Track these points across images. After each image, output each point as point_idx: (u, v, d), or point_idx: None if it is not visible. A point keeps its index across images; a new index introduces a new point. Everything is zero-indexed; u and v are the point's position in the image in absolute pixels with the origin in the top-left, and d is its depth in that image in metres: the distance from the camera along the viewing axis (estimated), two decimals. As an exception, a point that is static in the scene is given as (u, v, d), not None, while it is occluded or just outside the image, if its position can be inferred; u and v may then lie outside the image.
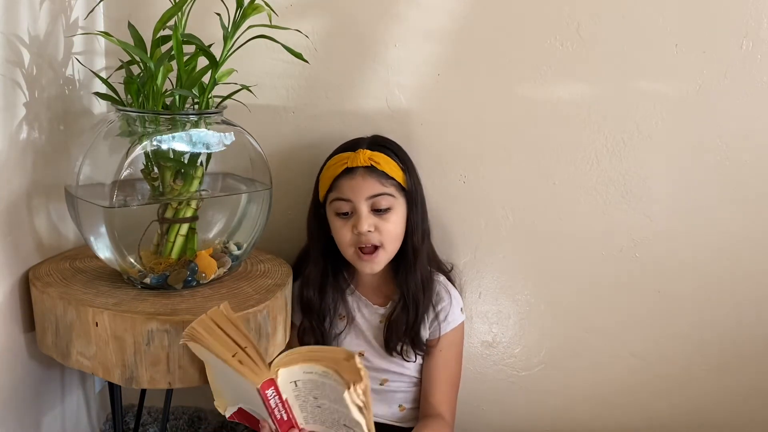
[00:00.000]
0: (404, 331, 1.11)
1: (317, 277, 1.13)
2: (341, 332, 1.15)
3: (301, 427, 0.85)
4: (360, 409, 0.79)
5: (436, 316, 1.12)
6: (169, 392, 1.00)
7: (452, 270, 1.22)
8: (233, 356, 0.80)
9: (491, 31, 1.13)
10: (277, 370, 0.81)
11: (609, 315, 1.24)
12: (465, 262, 1.25)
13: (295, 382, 0.82)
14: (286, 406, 0.83)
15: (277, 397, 0.82)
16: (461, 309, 1.16)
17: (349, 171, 1.06)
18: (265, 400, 0.81)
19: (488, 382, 1.31)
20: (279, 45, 0.98)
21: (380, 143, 1.10)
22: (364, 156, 1.06)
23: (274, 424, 0.84)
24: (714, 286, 1.20)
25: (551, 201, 1.19)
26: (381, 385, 1.16)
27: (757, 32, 1.08)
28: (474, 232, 1.23)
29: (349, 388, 0.78)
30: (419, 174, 1.13)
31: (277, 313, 0.99)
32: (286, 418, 0.84)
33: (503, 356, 1.30)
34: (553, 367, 1.29)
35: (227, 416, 0.90)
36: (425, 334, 1.12)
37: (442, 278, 1.16)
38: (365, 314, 1.16)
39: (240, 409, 0.89)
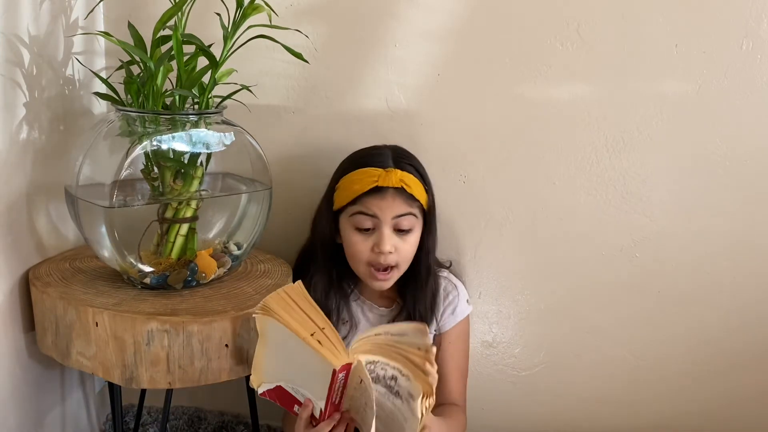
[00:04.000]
0: None
1: (324, 282, 1.12)
2: (344, 337, 1.14)
3: (343, 410, 0.88)
4: (421, 418, 0.83)
5: (444, 310, 1.14)
6: (169, 392, 1.00)
7: (451, 267, 1.22)
8: (312, 335, 0.82)
9: (491, 31, 1.13)
10: (356, 356, 0.83)
11: (609, 315, 1.24)
12: (465, 261, 1.24)
13: (368, 369, 0.84)
14: (343, 391, 0.85)
15: (343, 381, 0.84)
16: (467, 300, 1.17)
17: (378, 190, 1.04)
18: (332, 382, 0.83)
19: (488, 382, 1.31)
20: (279, 45, 0.98)
21: (407, 161, 1.08)
22: (396, 177, 1.04)
23: (326, 405, 0.85)
24: (714, 287, 1.20)
25: (551, 201, 1.19)
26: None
27: (757, 32, 1.08)
28: (474, 232, 1.23)
29: (423, 398, 0.83)
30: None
31: (277, 313, 0.99)
32: (337, 402, 0.86)
33: (503, 356, 1.30)
34: (553, 367, 1.28)
35: (260, 392, 0.90)
36: (434, 328, 1.14)
37: (445, 272, 1.18)
38: (370, 318, 1.16)
39: (278, 387, 0.89)
